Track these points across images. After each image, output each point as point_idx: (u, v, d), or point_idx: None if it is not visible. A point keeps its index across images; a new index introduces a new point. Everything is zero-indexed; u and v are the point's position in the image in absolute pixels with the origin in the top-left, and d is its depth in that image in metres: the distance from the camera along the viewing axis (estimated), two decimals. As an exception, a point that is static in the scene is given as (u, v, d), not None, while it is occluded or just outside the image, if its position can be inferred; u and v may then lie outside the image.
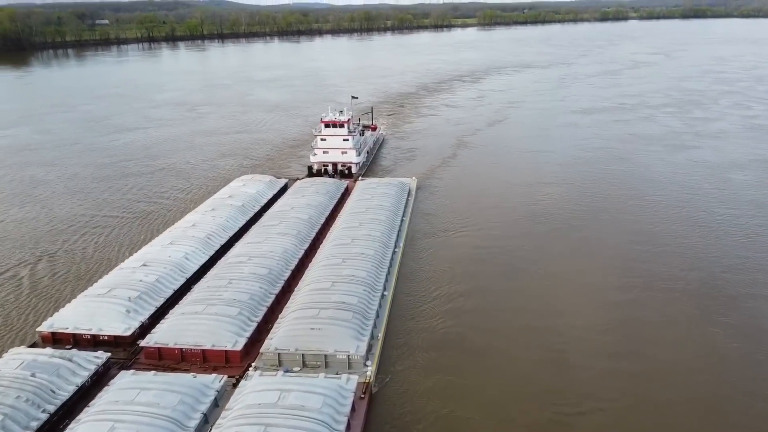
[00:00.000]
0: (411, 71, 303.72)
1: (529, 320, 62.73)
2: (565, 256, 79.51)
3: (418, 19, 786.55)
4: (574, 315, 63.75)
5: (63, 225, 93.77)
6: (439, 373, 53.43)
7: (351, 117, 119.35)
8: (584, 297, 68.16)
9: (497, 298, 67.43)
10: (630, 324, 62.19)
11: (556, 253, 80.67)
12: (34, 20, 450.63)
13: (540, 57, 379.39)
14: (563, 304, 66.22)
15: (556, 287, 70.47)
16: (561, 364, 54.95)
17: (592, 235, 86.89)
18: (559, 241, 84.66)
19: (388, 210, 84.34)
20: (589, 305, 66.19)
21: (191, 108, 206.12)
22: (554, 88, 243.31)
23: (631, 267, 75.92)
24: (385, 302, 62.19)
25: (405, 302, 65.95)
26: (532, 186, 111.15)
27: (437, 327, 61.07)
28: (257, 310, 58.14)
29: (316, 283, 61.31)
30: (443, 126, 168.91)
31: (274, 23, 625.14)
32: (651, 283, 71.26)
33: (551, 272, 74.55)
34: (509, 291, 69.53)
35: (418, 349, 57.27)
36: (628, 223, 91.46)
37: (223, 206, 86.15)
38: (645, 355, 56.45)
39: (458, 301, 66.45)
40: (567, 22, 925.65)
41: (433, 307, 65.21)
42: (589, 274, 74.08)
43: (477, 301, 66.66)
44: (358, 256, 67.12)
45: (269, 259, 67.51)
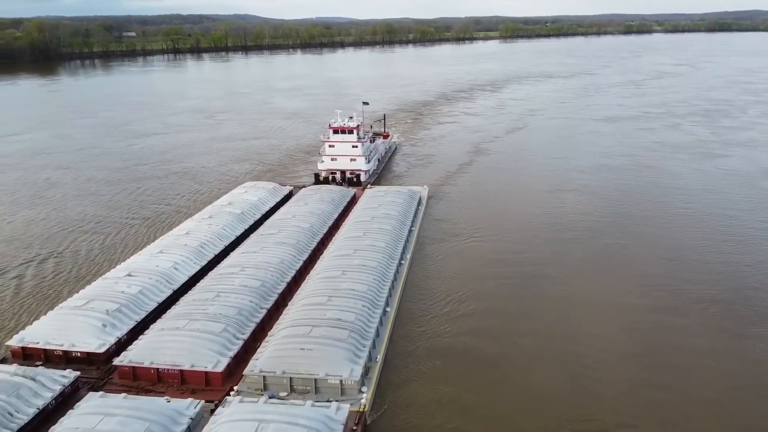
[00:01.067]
0: (431, 81, 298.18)
1: (549, 342, 55.65)
2: (586, 267, 73.01)
3: (440, 32, 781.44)
4: (595, 329, 57.45)
5: (71, 226, 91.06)
6: (446, 405, 46.67)
7: (361, 123, 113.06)
8: (606, 310, 61.58)
9: (514, 316, 60.60)
10: (655, 340, 55.96)
11: (576, 263, 74.19)
12: (62, 31, 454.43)
13: (562, 67, 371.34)
14: (583, 318, 59.72)
15: (576, 299, 63.95)
16: (584, 388, 47.88)
17: (615, 245, 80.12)
18: (580, 251, 78.14)
19: (395, 219, 78.25)
20: (611, 319, 59.63)
21: (210, 115, 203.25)
22: (576, 97, 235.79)
23: (656, 279, 69.08)
24: (387, 319, 56.05)
25: (410, 319, 59.48)
26: (552, 193, 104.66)
27: (446, 349, 54.33)
28: (245, 326, 52.23)
29: (311, 297, 55.57)
30: (461, 133, 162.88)
31: (297, 36, 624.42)
32: (677, 297, 64.72)
33: (571, 283, 68.10)
34: (527, 306, 62.73)
35: (423, 373, 50.63)
36: (653, 233, 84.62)
37: (221, 214, 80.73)
38: (671, 372, 50.37)
39: (471, 319, 59.70)
40: (590, 35, 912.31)
41: (442, 325, 58.54)
42: (612, 286, 67.48)
43: (491, 319, 59.90)
44: (359, 269, 61.06)
45: (263, 270, 61.74)
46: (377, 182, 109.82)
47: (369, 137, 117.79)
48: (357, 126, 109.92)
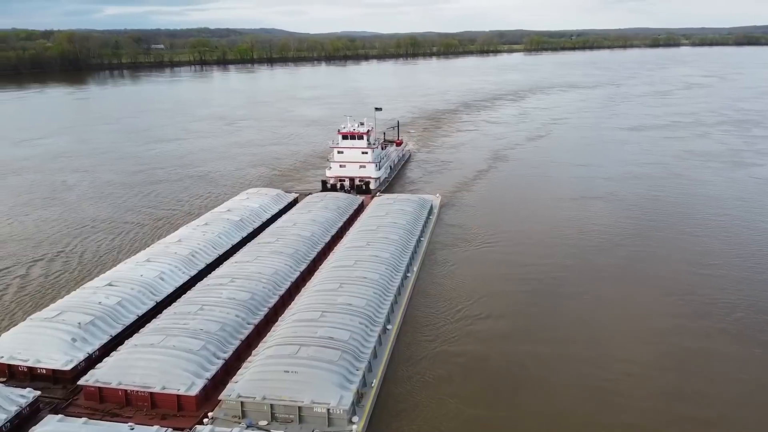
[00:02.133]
0: (453, 90, 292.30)
1: (574, 364, 48.73)
2: (611, 278, 66.68)
3: (464, 45, 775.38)
4: (619, 344, 51.50)
5: (80, 227, 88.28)
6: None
7: (371, 128, 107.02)
8: (631, 324, 55.34)
9: (533, 336, 53.72)
10: (683, 356, 50.20)
11: (600, 273, 67.80)
12: (92, 43, 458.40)
13: (586, 78, 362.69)
14: (607, 332, 53.87)
15: (599, 312, 57.89)
16: (607, 405, 40.97)
17: (643, 255, 73.31)
18: (605, 261, 71.50)
19: (402, 229, 71.82)
20: (637, 334, 53.43)
21: (231, 122, 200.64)
22: (601, 106, 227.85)
23: (688, 292, 62.26)
24: (387, 338, 49.69)
25: (414, 338, 53.26)
26: (575, 200, 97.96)
27: (455, 372, 47.71)
28: (227, 344, 46.33)
29: (303, 312, 49.50)
30: (481, 140, 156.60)
31: (322, 48, 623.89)
32: (708, 312, 58.07)
33: (594, 294, 61.89)
34: (547, 322, 55.93)
35: (426, 401, 44.02)
36: (685, 243, 77.63)
37: (218, 221, 74.99)
38: (705, 394, 44.83)
39: (484, 338, 53.04)
40: (616, 48, 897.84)
41: (451, 344, 51.99)
42: (638, 299, 60.95)
43: (506, 338, 53.18)
44: (359, 281, 54.92)
45: (254, 281, 55.87)
46: (388, 190, 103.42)
47: (380, 143, 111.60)
48: (367, 131, 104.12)
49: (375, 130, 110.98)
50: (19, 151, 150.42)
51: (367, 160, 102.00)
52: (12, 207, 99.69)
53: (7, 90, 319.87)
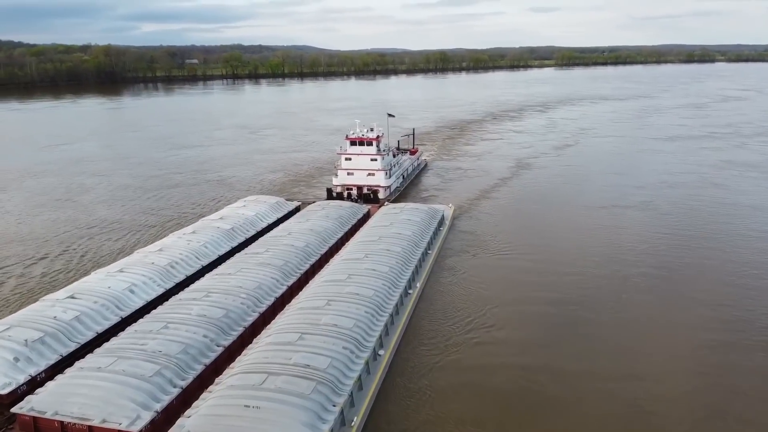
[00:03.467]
0: (481, 102, 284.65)
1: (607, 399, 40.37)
2: (644, 289, 59.04)
3: (494, 60, 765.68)
4: (654, 360, 44.50)
5: (86, 227, 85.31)
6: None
7: (381, 134, 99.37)
8: (667, 344, 47.73)
9: (555, 369, 45.27)
10: (729, 377, 43.11)
11: (632, 285, 60.06)
12: (128, 57, 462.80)
13: (618, 91, 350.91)
14: (640, 353, 46.16)
15: (632, 327, 50.64)
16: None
17: (681, 270, 64.89)
18: (636, 272, 63.74)
19: (406, 240, 64.10)
20: (673, 356, 45.75)
21: (255, 131, 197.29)
22: (633, 117, 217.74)
23: (732, 313, 53.84)
24: (377, 366, 41.84)
25: (412, 365, 45.22)
26: (605, 208, 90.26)
27: (454, 414, 39.45)
28: (188, 369, 39.16)
29: (280, 333, 42.09)
30: (506, 149, 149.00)
31: (352, 63, 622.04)
32: (751, 326, 50.77)
33: (626, 308, 54.65)
34: (572, 345, 47.79)
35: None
36: (727, 257, 68.82)
37: (207, 229, 68.09)
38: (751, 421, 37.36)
39: (495, 367, 44.82)
40: (649, 63, 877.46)
41: (456, 374, 43.83)
42: (675, 316, 53.12)
43: (526, 368, 44.83)
44: (350, 298, 47.52)
45: (232, 296, 48.69)
46: (399, 200, 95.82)
47: (392, 151, 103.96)
48: (377, 137, 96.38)
49: (385, 137, 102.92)
50: (43, 155, 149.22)
51: (377, 167, 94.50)
52: (25, 208, 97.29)
53: (42, 100, 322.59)
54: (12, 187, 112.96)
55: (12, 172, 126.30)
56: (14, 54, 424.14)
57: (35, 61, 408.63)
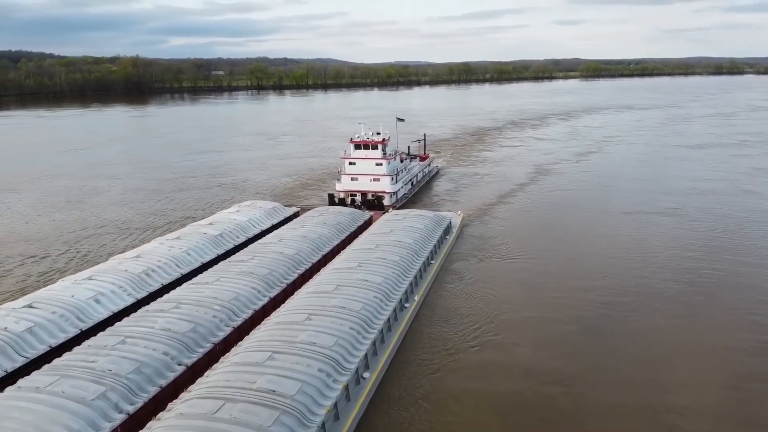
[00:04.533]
0: (502, 110, 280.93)
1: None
2: (672, 300, 53.87)
3: (518, 72, 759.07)
4: (685, 382, 39.18)
5: (93, 227, 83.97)
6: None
7: (388, 137, 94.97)
8: (701, 364, 42.54)
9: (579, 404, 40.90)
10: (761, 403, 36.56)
11: (659, 296, 54.98)
12: (155, 68, 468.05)
13: (645, 101, 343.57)
14: (668, 369, 41.24)
15: (660, 344, 45.53)
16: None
17: (711, 279, 59.94)
18: (664, 281, 58.72)
19: (406, 248, 59.00)
20: (710, 381, 40.60)
21: (273, 137, 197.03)
22: (660, 125, 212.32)
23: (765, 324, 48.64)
24: (359, 392, 36.72)
25: (400, 392, 39.51)
26: (630, 215, 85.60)
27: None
28: (138, 392, 34.42)
29: (250, 352, 37.22)
30: (526, 155, 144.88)
31: (375, 75, 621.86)
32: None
33: (654, 321, 49.34)
34: (592, 357, 44.34)
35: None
36: (759, 266, 63.86)
37: (193, 235, 63.64)
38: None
39: (504, 393, 40.33)
40: (676, 75, 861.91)
41: (453, 403, 38.66)
42: (708, 335, 47.84)
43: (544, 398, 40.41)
44: (335, 312, 42.67)
45: (205, 309, 43.99)
46: (406, 207, 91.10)
47: (399, 155, 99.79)
48: (383, 140, 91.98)
49: (392, 141, 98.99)
50: (61, 159, 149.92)
51: (382, 172, 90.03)
52: (35, 209, 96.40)
53: (69, 109, 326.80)
54: (25, 188, 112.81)
55: (28, 174, 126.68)
56: (44, 64, 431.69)
57: (65, 71, 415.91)
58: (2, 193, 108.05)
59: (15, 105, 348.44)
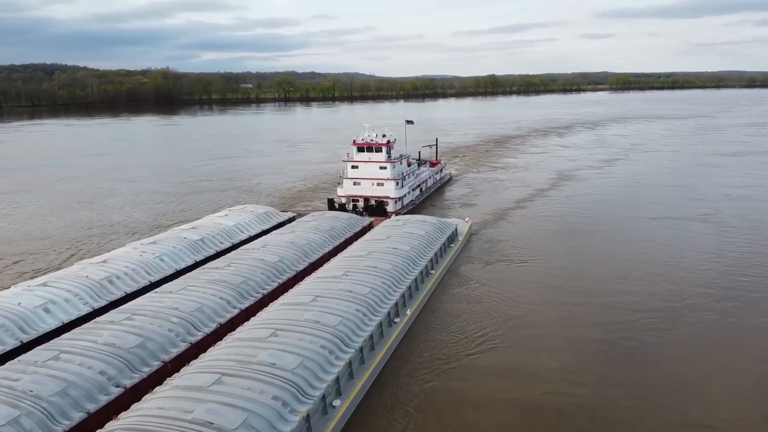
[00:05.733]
0: (527, 120, 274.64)
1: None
2: (708, 313, 48.03)
3: (545, 84, 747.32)
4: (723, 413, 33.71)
5: (99, 226, 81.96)
6: None
7: (393, 139, 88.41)
8: (740, 388, 37.15)
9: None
10: None
11: (694, 308, 49.27)
12: (185, 80, 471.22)
13: (675, 111, 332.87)
14: (702, 390, 36.15)
15: (693, 367, 40.03)
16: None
17: (750, 288, 53.67)
18: (698, 292, 52.65)
19: (402, 257, 52.48)
20: (746, 404, 35.28)
21: (294, 144, 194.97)
22: (691, 134, 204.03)
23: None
24: (324, 424, 30.47)
25: (378, 427, 33.06)
26: (657, 220, 79.52)
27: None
28: (60, 419, 28.63)
29: (196, 374, 31.23)
30: (549, 161, 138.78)
31: (401, 87, 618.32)
32: None
33: (690, 345, 43.37)
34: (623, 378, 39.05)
35: None
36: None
37: (171, 239, 58.04)
38: None
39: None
40: (708, 88, 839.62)
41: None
42: (743, 347, 42.23)
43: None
44: (306, 327, 36.53)
45: (159, 321, 38.28)
46: (412, 214, 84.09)
47: (406, 159, 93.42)
48: (387, 142, 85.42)
49: (398, 144, 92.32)
50: (81, 163, 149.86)
51: (386, 176, 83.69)
52: (47, 209, 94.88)
53: (99, 118, 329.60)
54: (41, 189, 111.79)
55: (47, 177, 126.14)
56: (77, 76, 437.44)
57: (97, 83, 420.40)
58: (18, 194, 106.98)
59: (47, 115, 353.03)
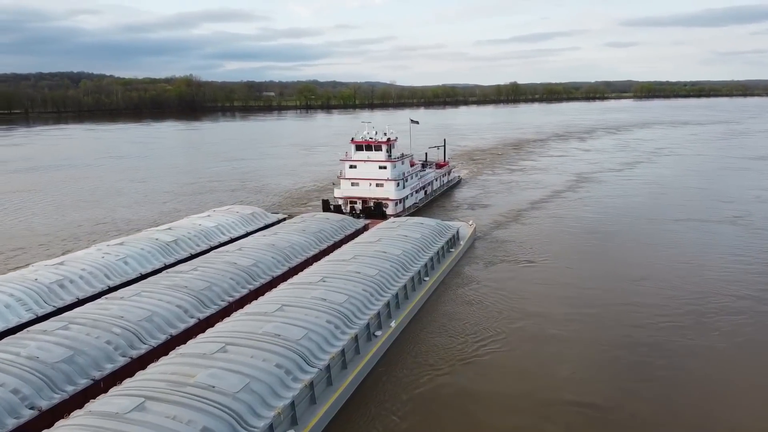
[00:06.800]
0: (549, 125, 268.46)
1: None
2: (737, 318, 43.06)
3: (568, 92, 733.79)
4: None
5: (100, 225, 79.13)
6: None
7: (395, 138, 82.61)
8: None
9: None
10: None
11: (727, 324, 43.31)
12: (207, 88, 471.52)
13: (701, 118, 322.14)
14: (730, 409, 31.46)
15: (728, 386, 35.05)
16: None
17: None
18: (735, 306, 46.80)
19: (391, 261, 46.21)
20: None
21: (309, 147, 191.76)
22: (717, 139, 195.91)
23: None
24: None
25: None
26: (683, 222, 74.38)
27: None
28: None
29: (121, 397, 25.89)
30: (569, 164, 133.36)
31: (422, 95, 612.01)
32: None
33: (719, 353, 38.98)
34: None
35: None
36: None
37: (141, 240, 52.50)
38: None
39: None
40: (734, 96, 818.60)
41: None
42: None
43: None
44: (263, 342, 30.78)
45: (100, 331, 32.84)
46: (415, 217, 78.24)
47: (408, 159, 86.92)
48: (387, 140, 79.62)
49: (399, 141, 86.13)
50: (95, 162, 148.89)
51: (386, 176, 77.67)
52: (53, 207, 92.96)
53: (122, 123, 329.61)
54: (49, 189, 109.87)
55: (59, 177, 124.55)
56: (102, 83, 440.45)
57: (121, 90, 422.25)
58: (27, 192, 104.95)
59: (72, 120, 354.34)
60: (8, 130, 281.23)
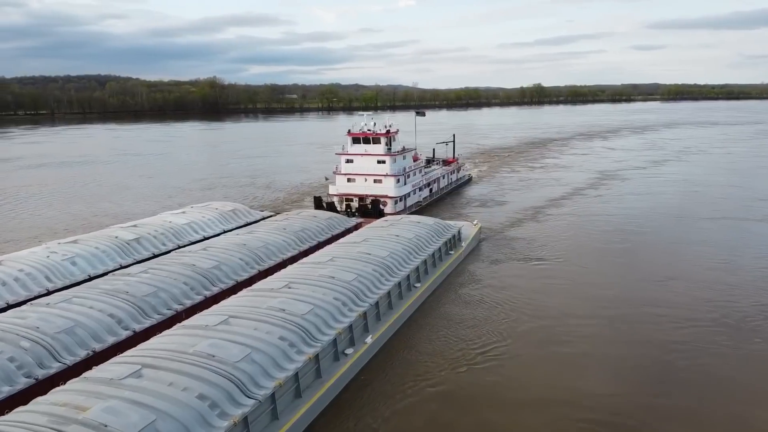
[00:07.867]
0: (572, 125, 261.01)
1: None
2: None
3: (594, 93, 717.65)
4: None
5: (98, 218, 76.55)
6: None
7: (395, 131, 75.03)
8: None
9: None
10: None
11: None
12: (231, 90, 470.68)
13: (730, 119, 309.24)
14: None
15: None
16: None
17: None
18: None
19: (374, 264, 39.29)
20: None
21: (323, 145, 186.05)
22: (748, 138, 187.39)
23: None
24: None
25: None
26: (715, 221, 69.30)
27: None
28: None
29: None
30: (593, 162, 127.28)
31: (444, 97, 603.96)
32: None
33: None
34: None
35: None
36: None
37: (98, 238, 46.03)
38: None
39: None
40: (765, 99, 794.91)
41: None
42: None
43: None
44: (193, 364, 24.50)
45: (5, 344, 27.02)
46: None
47: (411, 153, 79.19)
48: (387, 132, 72.34)
49: (400, 133, 78.21)
50: (107, 159, 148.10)
51: (385, 171, 70.51)
52: (57, 203, 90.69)
53: (144, 124, 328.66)
54: (55, 185, 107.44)
55: (69, 174, 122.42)
56: (128, 85, 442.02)
57: (146, 91, 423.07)
58: (30, 188, 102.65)
59: (96, 120, 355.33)
60: (31, 129, 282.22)
